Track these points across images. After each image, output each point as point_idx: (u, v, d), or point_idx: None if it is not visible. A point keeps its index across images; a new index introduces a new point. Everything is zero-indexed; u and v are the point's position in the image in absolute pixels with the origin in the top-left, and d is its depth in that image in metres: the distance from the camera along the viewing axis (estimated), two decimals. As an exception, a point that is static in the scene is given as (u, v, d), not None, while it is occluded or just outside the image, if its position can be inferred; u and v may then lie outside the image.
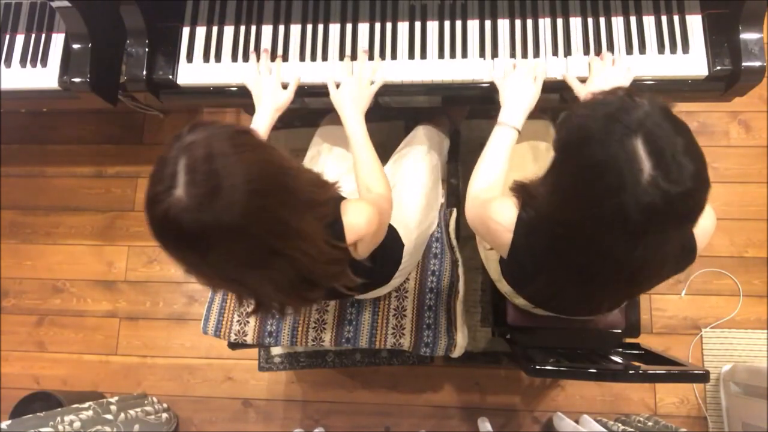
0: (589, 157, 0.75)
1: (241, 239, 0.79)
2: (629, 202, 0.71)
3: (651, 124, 0.72)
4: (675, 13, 1.31)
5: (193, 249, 0.79)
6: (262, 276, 0.87)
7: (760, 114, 2.04)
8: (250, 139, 0.82)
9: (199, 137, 0.77)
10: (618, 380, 1.28)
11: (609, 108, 0.75)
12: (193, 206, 0.73)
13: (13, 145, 2.30)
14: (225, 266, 0.83)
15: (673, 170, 0.70)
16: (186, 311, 2.11)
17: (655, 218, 0.73)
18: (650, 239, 0.78)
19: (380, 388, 1.98)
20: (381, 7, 1.37)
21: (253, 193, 0.76)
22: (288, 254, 0.85)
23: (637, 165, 0.71)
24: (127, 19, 1.34)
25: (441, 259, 1.45)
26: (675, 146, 0.71)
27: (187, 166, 0.74)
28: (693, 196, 0.73)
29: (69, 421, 1.46)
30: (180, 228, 0.75)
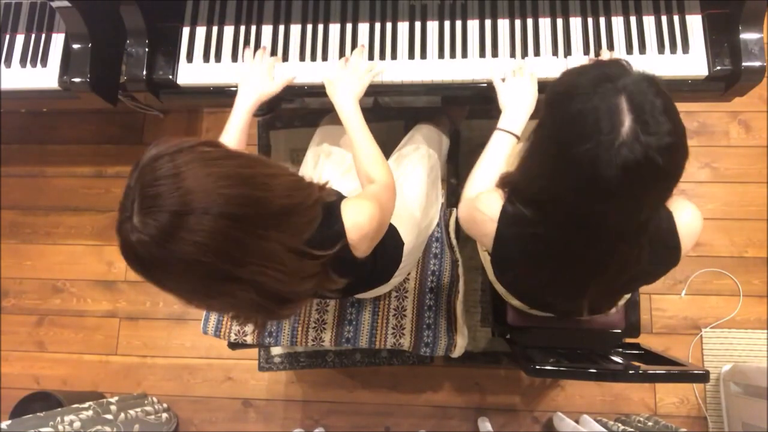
0: (571, 106, 0.78)
1: (194, 270, 0.76)
2: (604, 151, 0.73)
3: (636, 86, 0.75)
4: (675, 13, 1.31)
5: (147, 273, 0.78)
6: (221, 300, 0.85)
7: (760, 114, 2.04)
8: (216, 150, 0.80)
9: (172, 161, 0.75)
10: (618, 380, 1.28)
11: (601, 70, 0.79)
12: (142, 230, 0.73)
13: (13, 145, 2.30)
14: (183, 290, 0.82)
15: (651, 125, 0.73)
16: (186, 311, 2.11)
17: (630, 173, 0.74)
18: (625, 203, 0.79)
19: (380, 388, 1.98)
20: (381, 7, 1.37)
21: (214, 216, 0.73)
22: (245, 278, 0.80)
23: (618, 117, 0.73)
24: (127, 19, 1.34)
25: (441, 259, 1.45)
26: (654, 105, 0.74)
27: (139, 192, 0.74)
28: (670, 153, 0.75)
29: (69, 421, 1.46)
30: (134, 251, 0.75)
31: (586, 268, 0.95)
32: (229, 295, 0.83)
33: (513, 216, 0.95)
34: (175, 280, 0.79)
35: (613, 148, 0.73)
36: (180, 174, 0.74)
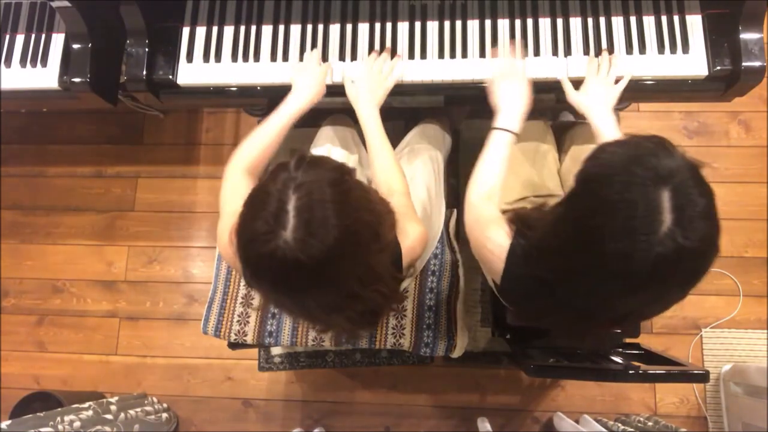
0: (608, 194, 0.73)
1: (331, 284, 0.81)
2: (640, 249, 0.70)
3: (680, 179, 0.70)
4: (675, 13, 1.31)
5: (288, 291, 0.82)
6: (342, 316, 0.91)
7: (760, 114, 2.04)
8: (353, 184, 0.84)
9: (309, 179, 0.78)
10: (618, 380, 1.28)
11: (641, 150, 0.74)
12: (296, 248, 0.75)
13: (13, 145, 2.30)
14: (312, 307, 0.86)
15: (689, 228, 0.69)
16: (186, 311, 2.11)
17: (659, 271, 0.71)
18: (645, 296, 0.78)
19: (380, 388, 1.98)
20: (381, 7, 1.37)
21: (348, 242, 0.78)
22: (367, 296, 0.88)
23: (658, 216, 0.69)
24: (127, 19, 1.34)
25: (441, 259, 1.45)
26: (696, 206, 0.70)
27: (296, 209, 0.76)
28: (701, 257, 0.73)
29: (69, 421, 1.46)
30: (283, 270, 0.77)
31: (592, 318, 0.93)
32: (350, 310, 0.89)
33: (521, 257, 0.94)
34: (310, 296, 0.83)
35: (650, 246, 0.70)
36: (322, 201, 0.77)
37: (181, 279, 2.14)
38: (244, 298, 1.47)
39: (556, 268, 0.86)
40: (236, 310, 1.46)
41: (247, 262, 0.80)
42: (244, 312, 1.46)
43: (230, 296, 1.47)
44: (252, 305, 1.47)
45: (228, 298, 1.47)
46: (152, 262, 2.16)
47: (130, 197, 2.22)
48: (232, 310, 1.46)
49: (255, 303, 1.47)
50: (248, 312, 1.46)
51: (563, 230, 0.83)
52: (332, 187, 0.79)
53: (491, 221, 1.01)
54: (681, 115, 2.08)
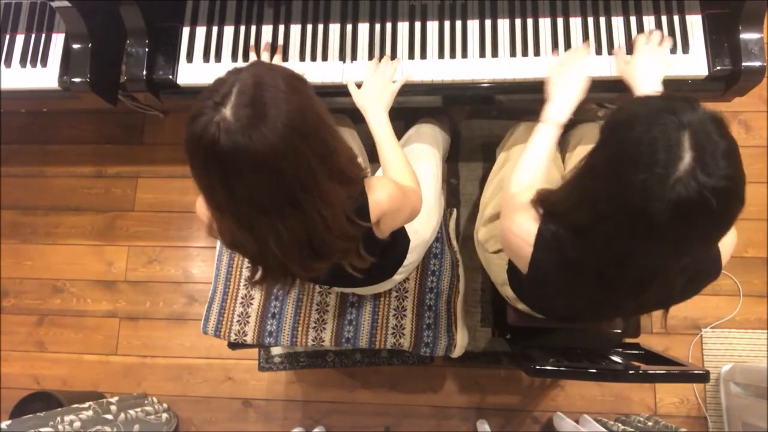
0: (631, 134, 0.75)
1: (267, 174, 0.79)
2: (658, 183, 0.70)
3: (701, 124, 0.72)
4: (675, 13, 1.31)
5: (220, 170, 0.79)
6: (271, 226, 0.86)
7: (760, 114, 2.04)
8: (304, 86, 0.84)
9: (259, 69, 0.80)
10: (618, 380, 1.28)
11: (666, 102, 0.76)
12: (234, 128, 0.74)
13: (13, 145, 2.30)
14: (242, 200, 0.82)
15: (711, 165, 0.70)
16: (186, 311, 2.11)
17: (680, 212, 0.71)
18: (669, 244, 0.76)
19: (380, 388, 1.98)
20: (381, 7, 1.37)
21: (294, 131, 0.77)
22: (305, 209, 0.84)
23: (677, 151, 0.70)
24: (127, 19, 1.34)
25: (441, 259, 1.45)
26: (717, 146, 0.71)
27: (239, 90, 0.76)
28: (726, 198, 0.72)
29: (69, 421, 1.46)
30: (216, 145, 0.75)
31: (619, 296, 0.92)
32: (280, 220, 0.84)
33: (549, 240, 0.93)
34: (244, 182, 0.79)
35: (668, 182, 0.70)
36: (271, 86, 0.78)
37: (181, 279, 2.14)
38: (244, 298, 1.47)
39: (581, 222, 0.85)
40: (236, 310, 1.46)
41: (184, 141, 0.79)
42: (244, 312, 1.46)
43: (230, 296, 1.48)
44: (252, 305, 1.47)
45: (228, 298, 1.47)
46: (152, 262, 2.16)
47: (130, 197, 2.22)
48: (232, 310, 1.46)
49: (255, 303, 1.47)
50: (248, 312, 1.46)
51: (587, 177, 0.84)
52: (285, 79, 0.80)
53: (519, 208, 1.00)
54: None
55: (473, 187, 1.97)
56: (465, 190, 1.97)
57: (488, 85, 1.32)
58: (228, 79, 0.79)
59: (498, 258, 1.29)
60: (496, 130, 1.98)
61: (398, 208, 1.02)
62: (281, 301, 1.46)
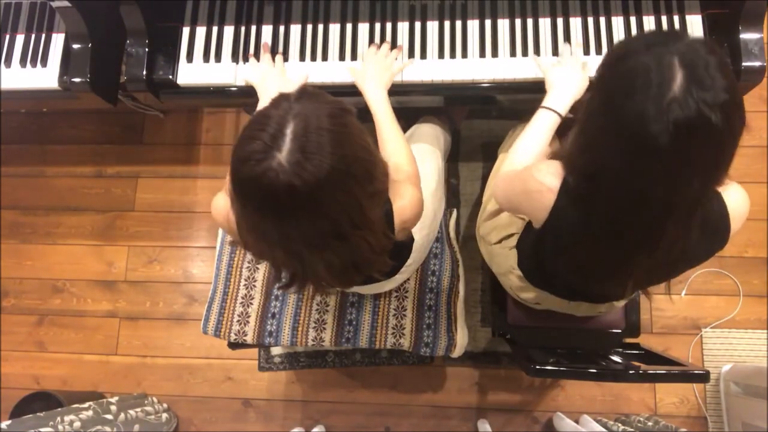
0: (622, 66, 0.77)
1: (319, 215, 0.80)
2: (654, 108, 0.71)
3: (688, 46, 0.74)
4: (675, 13, 1.31)
5: (274, 213, 0.80)
6: (322, 257, 0.87)
7: (760, 114, 2.04)
8: (350, 120, 0.84)
9: (308, 107, 0.80)
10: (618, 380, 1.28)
11: (656, 34, 0.81)
12: (290, 171, 0.75)
13: (13, 145, 2.30)
14: (294, 239, 0.84)
15: (706, 80, 0.71)
16: (186, 311, 2.11)
17: (682, 132, 0.71)
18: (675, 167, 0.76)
19: (380, 388, 1.98)
20: (381, 7, 1.37)
21: (341, 172, 0.78)
22: (353, 241, 0.86)
23: (668, 72, 0.72)
24: (127, 19, 1.34)
25: (441, 259, 1.45)
26: (708, 61, 0.72)
27: (294, 133, 0.76)
28: (726, 111, 0.72)
29: (69, 421, 1.46)
30: (272, 192, 0.76)
31: (634, 245, 0.91)
32: (332, 252, 0.87)
33: (573, 190, 0.92)
34: (294, 222, 0.81)
35: (663, 102, 0.71)
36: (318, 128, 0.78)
37: (181, 279, 2.14)
38: (244, 298, 1.47)
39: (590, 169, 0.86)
40: (236, 310, 1.46)
41: (238, 182, 0.80)
42: (244, 312, 1.46)
43: (230, 296, 1.48)
44: (252, 305, 1.47)
45: (228, 298, 1.47)
46: (152, 262, 2.16)
47: (130, 197, 2.22)
48: (232, 310, 1.46)
49: (255, 303, 1.47)
50: (248, 312, 1.46)
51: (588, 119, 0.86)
52: (330, 118, 0.80)
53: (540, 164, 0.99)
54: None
55: (473, 187, 1.97)
56: (465, 190, 1.97)
57: (488, 85, 1.32)
58: (273, 115, 0.78)
59: (500, 247, 1.28)
60: (496, 130, 1.98)
61: (419, 210, 1.04)
62: (281, 301, 1.46)
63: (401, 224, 0.99)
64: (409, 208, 0.99)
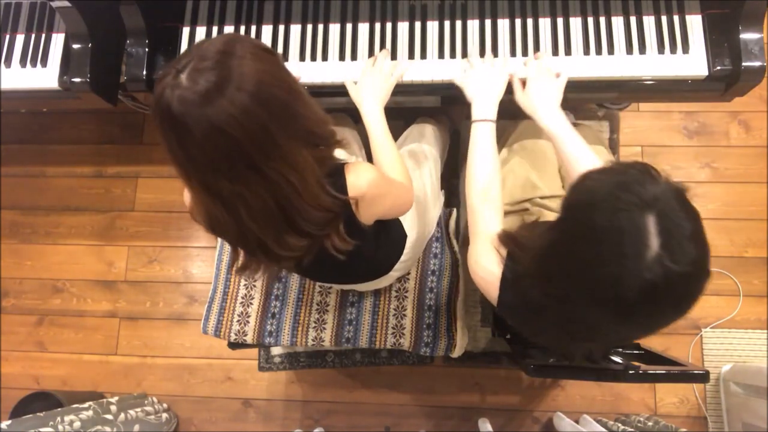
0: (594, 220, 0.73)
1: (220, 138, 0.78)
2: (628, 274, 0.70)
3: (665, 204, 0.70)
4: (675, 13, 1.31)
5: (174, 134, 0.80)
6: (235, 192, 0.84)
7: (760, 114, 2.04)
8: (273, 58, 0.84)
9: (228, 38, 0.81)
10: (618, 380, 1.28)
11: (625, 177, 0.73)
12: (188, 96, 0.76)
13: (13, 145, 2.30)
14: (202, 164, 0.82)
15: (677, 252, 0.69)
16: (186, 311, 2.11)
17: (650, 297, 0.70)
18: (640, 320, 0.76)
19: (380, 388, 1.98)
20: (381, 7, 1.37)
21: (251, 98, 0.78)
22: (268, 174, 0.83)
23: (644, 240, 0.69)
24: (127, 19, 1.34)
25: (441, 259, 1.45)
26: (683, 230, 0.70)
27: (200, 56, 0.77)
28: (692, 281, 0.72)
29: (69, 421, 1.46)
30: (169, 111, 0.77)
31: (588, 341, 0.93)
32: (245, 185, 0.83)
33: (514, 283, 0.94)
34: (199, 146, 0.79)
35: (637, 270, 0.69)
36: (236, 54, 0.79)
37: (181, 279, 2.14)
38: (244, 298, 1.47)
39: (548, 293, 0.84)
40: (236, 310, 1.46)
41: (152, 108, 0.81)
42: (244, 312, 1.46)
43: (230, 296, 1.48)
44: (252, 305, 1.47)
45: (228, 298, 1.47)
46: (152, 262, 2.16)
47: (130, 197, 2.22)
48: (232, 309, 1.46)
49: (255, 303, 1.47)
50: (248, 312, 1.46)
51: (552, 257, 0.83)
52: (257, 49, 0.81)
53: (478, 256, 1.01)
54: (681, 115, 2.08)
55: (473, 187, 1.97)
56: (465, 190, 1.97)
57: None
58: (196, 47, 0.80)
59: None
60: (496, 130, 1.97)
61: (379, 194, 1.00)
62: (281, 301, 1.46)
63: (358, 199, 0.96)
64: (365, 185, 0.95)
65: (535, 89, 1.21)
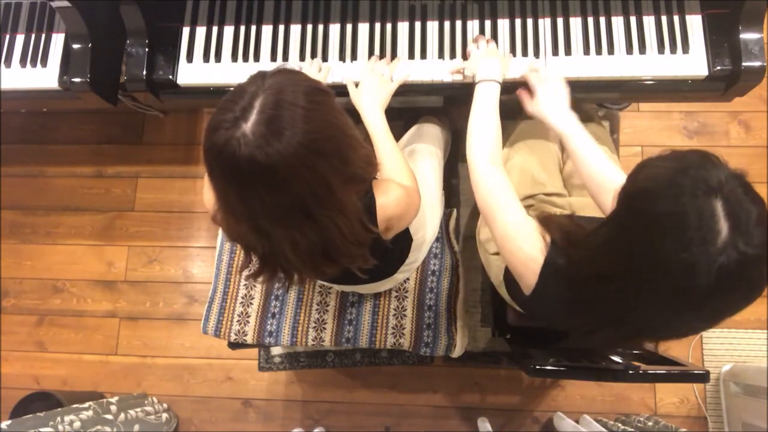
0: (657, 208, 0.71)
1: (281, 189, 0.79)
2: (702, 260, 0.68)
3: (729, 188, 0.69)
4: (675, 13, 1.31)
5: (237, 184, 0.79)
6: (286, 234, 0.86)
7: (760, 114, 2.04)
8: (326, 99, 0.84)
9: (283, 82, 0.80)
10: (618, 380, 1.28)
11: (686, 163, 0.72)
12: (253, 143, 0.75)
13: (13, 145, 2.30)
14: (258, 213, 0.82)
15: (748, 235, 0.68)
16: (186, 311, 2.11)
17: (725, 283, 0.69)
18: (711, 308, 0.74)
19: (380, 388, 1.98)
20: (381, 7, 1.37)
21: (310, 149, 0.78)
22: (321, 221, 0.84)
23: (713, 225, 0.68)
24: (127, 19, 1.34)
25: (441, 259, 1.45)
26: (751, 214, 0.69)
27: (261, 105, 0.76)
28: (764, 265, 0.70)
29: (69, 421, 1.46)
30: (235, 160, 0.76)
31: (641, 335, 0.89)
32: (297, 230, 0.85)
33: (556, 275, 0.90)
34: (258, 196, 0.80)
35: (711, 256, 0.67)
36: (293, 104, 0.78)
37: (181, 279, 2.14)
38: (244, 298, 1.47)
39: (606, 290, 0.81)
40: (236, 310, 1.46)
41: (205, 151, 0.80)
42: (244, 312, 1.46)
43: (230, 296, 1.48)
44: (252, 305, 1.47)
45: (228, 298, 1.47)
46: (152, 262, 2.16)
47: (130, 197, 2.22)
48: (232, 309, 1.46)
49: (255, 303, 1.47)
50: (248, 312, 1.46)
51: (611, 254, 0.79)
52: (305, 95, 0.80)
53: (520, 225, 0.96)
54: (681, 115, 2.08)
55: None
56: (465, 190, 1.97)
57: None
58: (248, 90, 0.79)
59: (497, 260, 1.29)
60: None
61: (404, 213, 1.02)
62: (281, 301, 1.46)
63: (385, 221, 0.98)
64: (393, 206, 0.97)
65: (544, 96, 1.20)
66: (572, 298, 0.89)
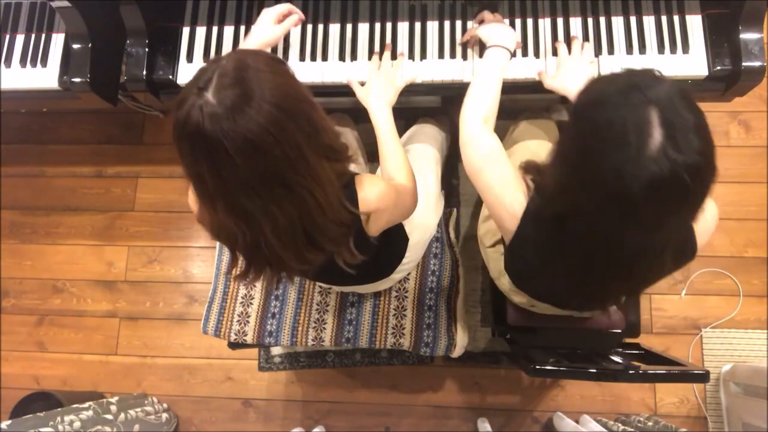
0: (600, 116, 0.75)
1: (255, 155, 0.77)
2: (632, 165, 0.71)
3: (668, 99, 0.72)
4: (675, 13, 1.31)
5: (207, 155, 0.77)
6: (264, 210, 0.84)
7: (760, 114, 2.04)
8: (286, 69, 0.84)
9: (240, 54, 0.81)
10: (618, 380, 1.28)
11: (632, 79, 0.76)
12: (219, 112, 0.74)
13: (13, 145, 2.30)
14: (233, 185, 0.80)
15: (682, 142, 0.70)
16: (186, 311, 2.11)
17: (655, 191, 0.71)
18: (646, 222, 0.77)
19: (380, 388, 1.98)
20: (381, 7, 1.37)
21: (280, 110, 0.77)
22: (297, 191, 0.83)
23: (647, 130, 0.70)
24: (127, 19, 1.34)
25: (441, 259, 1.45)
26: (687, 122, 0.72)
27: (220, 73, 0.76)
28: (699, 172, 0.72)
29: (69, 421, 1.46)
30: (201, 130, 0.75)
31: (607, 276, 0.92)
32: (277, 204, 0.83)
33: (534, 219, 0.94)
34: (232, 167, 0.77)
35: (641, 161, 0.70)
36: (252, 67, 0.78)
37: (181, 279, 2.14)
38: (244, 298, 1.47)
39: (564, 211, 0.85)
40: (236, 310, 1.46)
41: (172, 129, 0.79)
42: (244, 312, 1.46)
43: (230, 296, 1.48)
44: (252, 305, 1.47)
45: (228, 298, 1.47)
46: (152, 262, 2.16)
47: (130, 197, 2.22)
48: (232, 309, 1.46)
49: (255, 303, 1.47)
50: (248, 312, 1.46)
51: (564, 164, 0.84)
52: (267, 62, 0.80)
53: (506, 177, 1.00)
54: (681, 115, 2.08)
55: (473, 187, 1.95)
56: (465, 190, 1.97)
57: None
58: (210, 66, 0.79)
59: (494, 251, 1.29)
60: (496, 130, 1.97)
61: (386, 208, 1.00)
62: (281, 301, 1.46)
63: (367, 213, 0.97)
64: (375, 201, 0.96)
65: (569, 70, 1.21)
66: (545, 241, 0.93)
